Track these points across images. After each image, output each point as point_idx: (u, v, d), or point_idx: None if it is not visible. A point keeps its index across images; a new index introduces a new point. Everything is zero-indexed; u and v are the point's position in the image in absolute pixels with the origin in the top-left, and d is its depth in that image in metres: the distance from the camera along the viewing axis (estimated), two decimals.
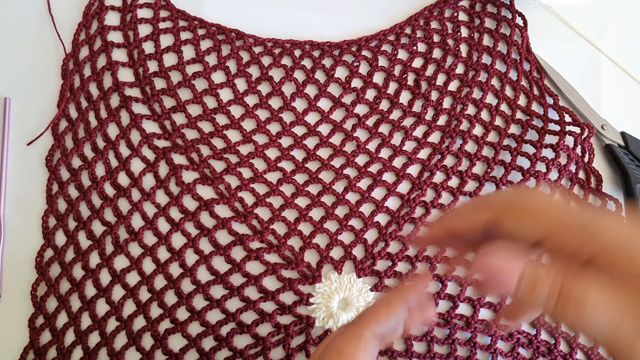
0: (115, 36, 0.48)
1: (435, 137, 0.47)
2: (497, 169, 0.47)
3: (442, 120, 0.48)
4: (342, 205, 0.44)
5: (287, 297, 0.42)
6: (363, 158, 0.46)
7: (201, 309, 0.41)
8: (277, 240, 0.43)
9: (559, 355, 0.42)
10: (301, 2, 0.51)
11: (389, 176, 0.46)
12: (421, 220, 0.44)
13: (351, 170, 0.46)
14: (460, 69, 0.50)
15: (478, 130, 0.48)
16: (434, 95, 0.48)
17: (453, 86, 0.49)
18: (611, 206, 0.46)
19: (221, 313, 0.41)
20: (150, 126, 0.46)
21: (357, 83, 0.48)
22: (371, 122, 0.47)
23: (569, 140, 0.47)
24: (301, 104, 0.47)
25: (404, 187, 0.46)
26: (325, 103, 0.47)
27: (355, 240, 0.44)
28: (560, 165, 0.46)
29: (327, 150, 0.46)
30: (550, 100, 0.49)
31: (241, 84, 0.47)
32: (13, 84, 0.46)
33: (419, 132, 0.47)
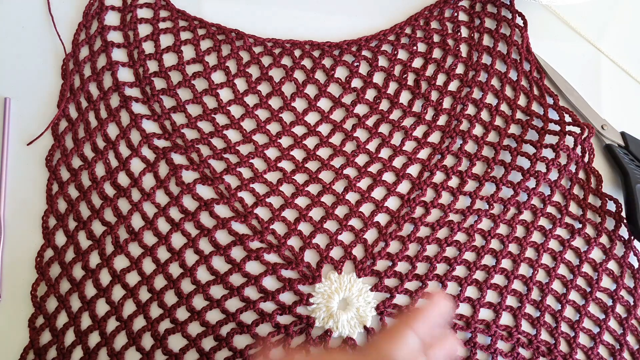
0: (115, 36, 0.48)
1: (435, 137, 0.47)
2: (497, 169, 0.47)
3: (442, 120, 0.48)
4: (342, 205, 0.44)
5: (287, 297, 0.42)
6: (363, 158, 0.46)
7: (201, 309, 0.41)
8: (277, 240, 0.43)
9: (559, 355, 0.42)
10: (301, 2, 0.51)
11: (389, 176, 0.46)
12: (421, 220, 0.44)
13: (351, 170, 0.46)
14: (460, 69, 0.50)
15: (478, 130, 0.48)
16: (434, 95, 0.48)
17: (453, 86, 0.49)
18: (611, 206, 0.46)
19: (221, 313, 0.41)
20: (150, 126, 0.46)
21: (357, 83, 0.48)
22: (371, 122, 0.47)
23: (569, 140, 0.47)
24: (301, 104, 0.47)
25: (404, 187, 0.46)
26: (325, 103, 0.47)
27: (355, 240, 0.44)
28: (560, 165, 0.46)
29: (327, 150, 0.46)
30: (550, 100, 0.49)
31: (241, 84, 0.47)
32: (13, 84, 0.46)
33: (419, 132, 0.47)
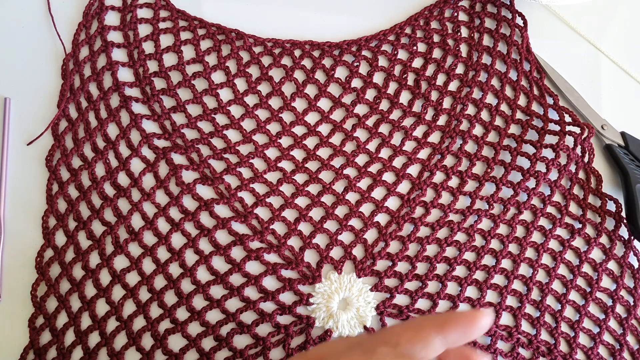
0: (115, 36, 0.48)
1: (435, 137, 0.47)
2: (497, 169, 0.47)
3: (442, 120, 0.48)
4: (342, 205, 0.44)
5: (287, 297, 0.42)
6: (363, 158, 0.46)
7: (201, 309, 0.41)
8: (277, 240, 0.43)
9: (559, 355, 0.42)
10: (301, 2, 0.51)
11: (389, 176, 0.46)
12: (421, 220, 0.44)
13: (351, 170, 0.46)
14: (460, 69, 0.50)
15: (478, 130, 0.48)
16: (434, 95, 0.48)
17: (453, 86, 0.49)
18: (611, 206, 0.46)
19: (221, 313, 0.41)
20: (150, 126, 0.46)
21: (357, 83, 0.48)
22: (371, 122, 0.47)
23: (569, 140, 0.47)
24: (301, 104, 0.47)
25: (404, 187, 0.46)
26: (325, 103, 0.47)
27: (355, 240, 0.44)
28: (560, 165, 0.46)
29: (327, 150, 0.46)
30: (550, 100, 0.49)
31: (241, 84, 0.47)
32: (13, 84, 0.46)
33: (419, 132, 0.47)
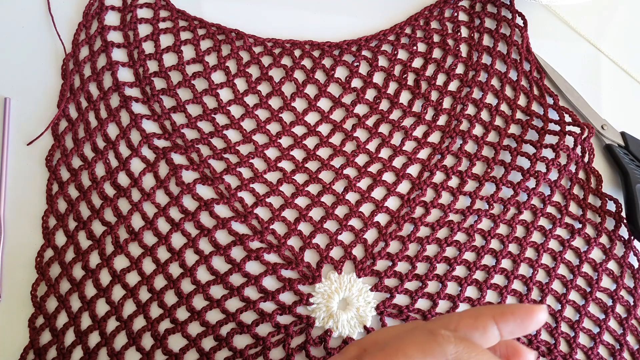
0: (115, 36, 0.48)
1: (435, 137, 0.47)
2: (497, 169, 0.47)
3: (442, 120, 0.48)
4: (342, 205, 0.44)
5: (287, 297, 0.42)
6: (363, 158, 0.46)
7: (201, 309, 0.41)
8: (277, 240, 0.43)
9: (559, 355, 0.42)
10: (301, 2, 0.51)
11: (389, 176, 0.46)
12: (421, 220, 0.44)
13: (351, 170, 0.46)
14: (460, 69, 0.50)
15: (478, 130, 0.48)
16: (434, 95, 0.48)
17: (453, 86, 0.49)
18: (611, 206, 0.46)
19: (221, 313, 0.41)
20: (150, 126, 0.46)
21: (357, 83, 0.48)
22: (371, 122, 0.47)
23: (569, 140, 0.47)
24: (301, 104, 0.47)
25: (404, 187, 0.46)
26: (325, 103, 0.47)
27: (355, 240, 0.44)
28: (560, 165, 0.46)
29: (327, 150, 0.46)
30: (550, 100, 0.49)
31: (241, 84, 0.47)
32: (13, 84, 0.46)
33: (419, 132, 0.47)
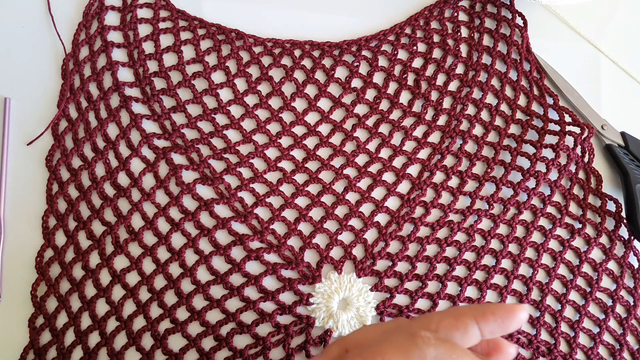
0: (115, 36, 0.48)
1: (435, 137, 0.47)
2: (497, 169, 0.47)
3: (442, 120, 0.48)
4: (342, 205, 0.44)
5: (287, 297, 0.42)
6: (363, 158, 0.46)
7: (201, 309, 0.41)
8: (277, 240, 0.43)
9: (559, 355, 0.42)
10: (301, 2, 0.51)
11: (389, 176, 0.46)
12: (421, 220, 0.44)
13: (351, 170, 0.46)
14: (460, 69, 0.50)
15: (478, 130, 0.48)
16: (434, 95, 0.48)
17: (453, 86, 0.49)
18: (611, 206, 0.46)
19: (221, 313, 0.41)
20: (150, 126, 0.46)
21: (357, 83, 0.48)
22: (371, 122, 0.47)
23: (569, 140, 0.47)
24: (301, 104, 0.47)
25: (404, 187, 0.46)
26: (325, 103, 0.47)
27: (355, 240, 0.44)
28: (560, 165, 0.46)
29: (327, 150, 0.46)
30: (550, 100, 0.49)
31: (241, 84, 0.47)
32: (13, 84, 0.46)
33: (419, 132, 0.47)
